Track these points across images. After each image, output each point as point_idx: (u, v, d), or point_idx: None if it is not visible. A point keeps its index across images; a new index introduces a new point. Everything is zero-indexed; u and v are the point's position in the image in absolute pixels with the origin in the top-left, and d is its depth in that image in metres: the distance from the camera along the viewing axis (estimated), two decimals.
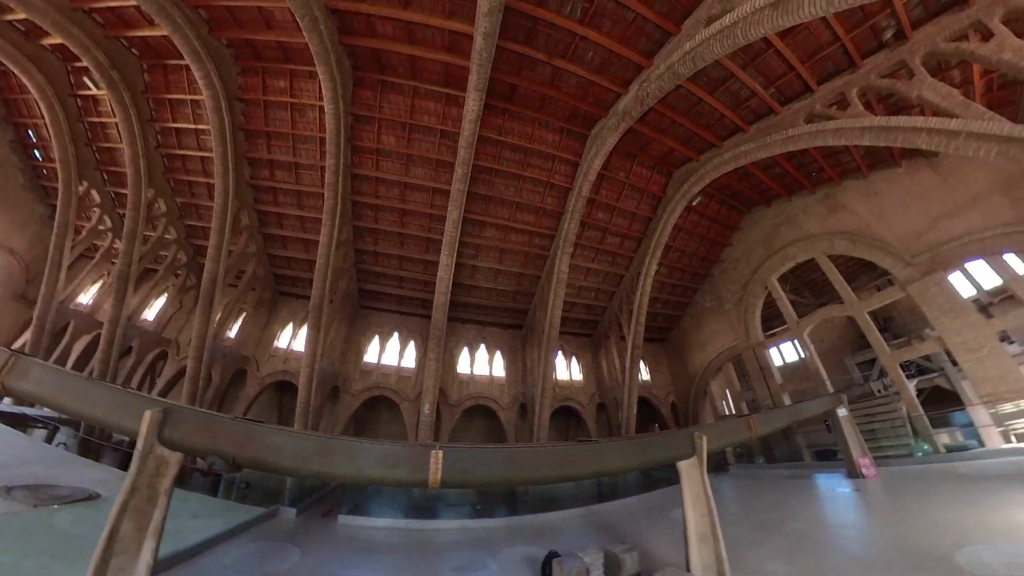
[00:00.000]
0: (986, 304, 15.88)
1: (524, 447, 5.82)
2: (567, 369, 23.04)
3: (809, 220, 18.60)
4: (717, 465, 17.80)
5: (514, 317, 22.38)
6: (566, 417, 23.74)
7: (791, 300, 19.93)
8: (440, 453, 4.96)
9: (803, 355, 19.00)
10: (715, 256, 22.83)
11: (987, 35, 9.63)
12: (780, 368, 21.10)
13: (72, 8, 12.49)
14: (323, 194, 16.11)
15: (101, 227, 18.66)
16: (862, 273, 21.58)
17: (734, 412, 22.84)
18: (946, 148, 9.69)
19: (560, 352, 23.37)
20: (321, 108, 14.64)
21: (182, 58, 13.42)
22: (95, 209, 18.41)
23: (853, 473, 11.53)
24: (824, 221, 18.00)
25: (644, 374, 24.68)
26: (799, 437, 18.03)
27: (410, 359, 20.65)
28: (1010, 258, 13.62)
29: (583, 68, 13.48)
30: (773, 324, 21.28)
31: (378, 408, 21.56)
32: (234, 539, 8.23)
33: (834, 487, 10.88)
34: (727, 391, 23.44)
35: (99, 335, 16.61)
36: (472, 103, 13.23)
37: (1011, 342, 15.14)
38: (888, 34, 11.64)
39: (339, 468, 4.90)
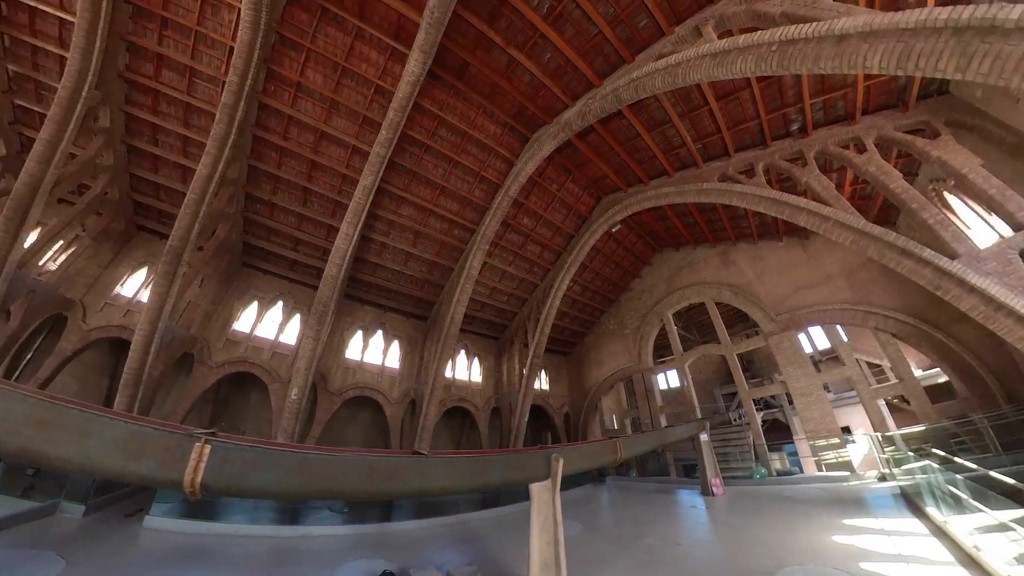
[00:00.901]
0: (817, 360, 19.35)
1: (325, 453, 4.35)
2: (467, 369, 22.45)
3: (706, 269, 20.83)
4: (596, 475, 19.11)
5: (420, 307, 21.08)
6: (462, 418, 23.16)
7: (680, 335, 22.13)
8: (206, 448, 3.61)
9: (682, 383, 21.07)
10: (625, 284, 24.41)
11: (862, 150, 11.64)
12: (663, 392, 23.40)
13: None
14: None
15: None
16: (737, 322, 24.89)
17: (617, 428, 24.56)
18: (818, 228, 11.33)
19: (464, 351, 22.75)
20: (240, 11, 11.91)
21: None
22: None
23: (706, 491, 13.13)
24: (717, 272, 20.31)
25: (544, 383, 25.26)
26: (667, 454, 19.96)
27: (292, 335, 18.10)
28: (840, 329, 16.83)
29: (538, 67, 13.11)
30: (663, 354, 23.42)
31: (247, 388, 18.46)
32: None
33: (689, 503, 12.12)
34: (616, 408, 25.19)
35: None
36: (414, 64, 11.96)
37: (829, 391, 18.82)
38: (795, 127, 13.40)
39: (57, 449, 3.23)
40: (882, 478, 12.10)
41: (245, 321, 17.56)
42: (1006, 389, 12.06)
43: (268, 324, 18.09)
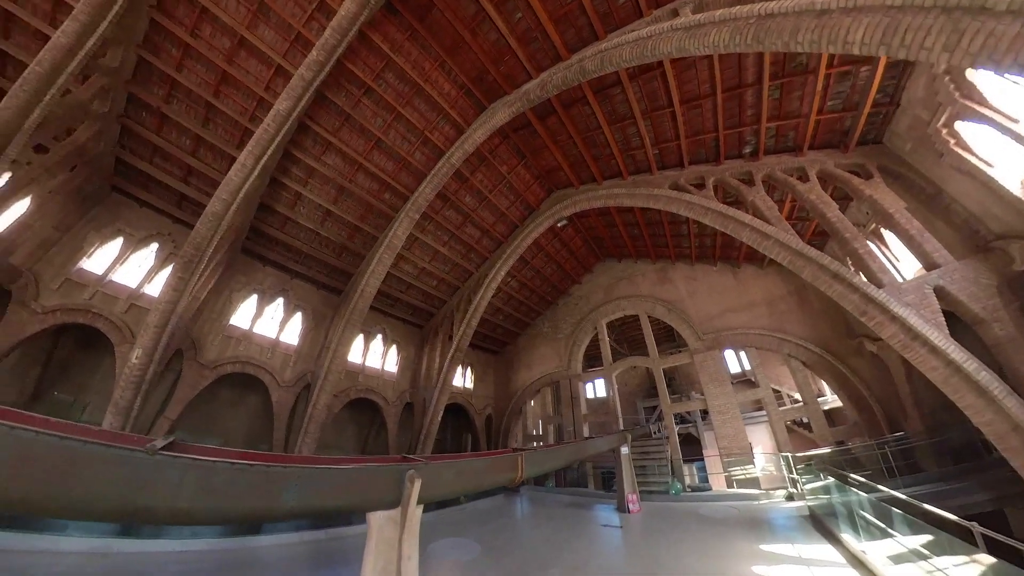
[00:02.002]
0: (733, 382, 20.04)
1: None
2: (382, 357, 19.99)
3: (644, 283, 20.93)
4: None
5: (334, 277, 18.26)
6: (373, 414, 20.44)
7: (611, 347, 21.90)
8: None
9: (609, 393, 20.71)
10: (564, 288, 23.83)
11: (805, 180, 11.99)
12: (588, 400, 22.94)
13: None
14: None
15: None
16: (664, 341, 25.53)
17: (540, 434, 23.57)
18: (758, 245, 11.32)
19: (381, 336, 20.30)
20: None
21: None
22: None
23: (622, 507, 12.32)
24: (654, 287, 20.46)
25: (468, 382, 23.56)
26: (587, 463, 19.26)
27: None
28: (745, 355, 17.51)
29: (507, 26, 11.78)
30: (593, 364, 23.05)
31: (99, 350, 14.10)
32: None
33: (604, 520, 11.11)
34: (541, 413, 24.26)
35: None
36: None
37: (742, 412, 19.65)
38: (748, 149, 13.60)
39: None
40: (790, 497, 12.25)
41: (100, 261, 13.62)
42: (888, 417, 13.11)
43: (132, 269, 14.26)
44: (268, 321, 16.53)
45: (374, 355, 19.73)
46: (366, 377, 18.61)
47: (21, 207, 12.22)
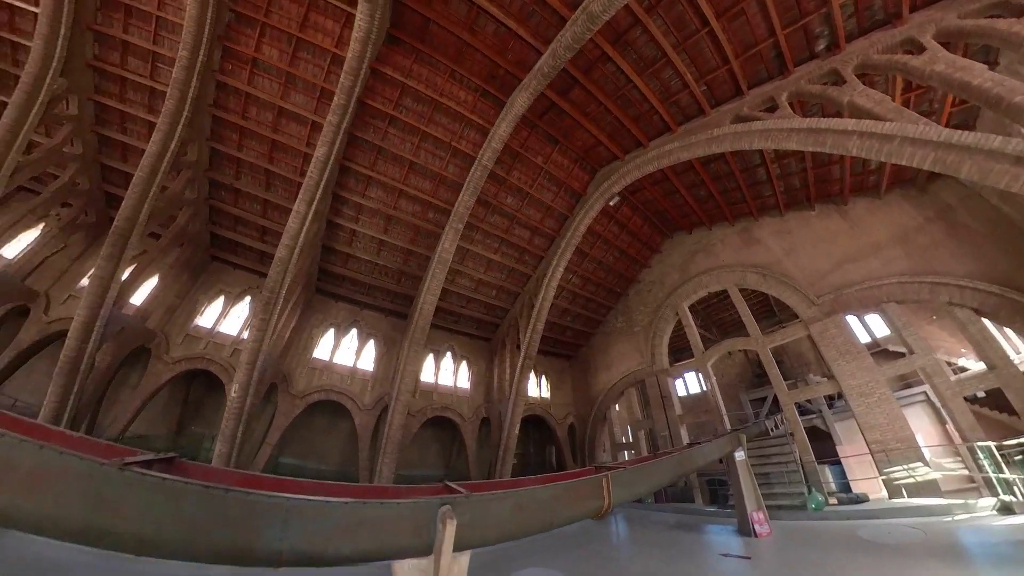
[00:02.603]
0: (874, 352, 15.64)
1: None
2: (454, 374, 20.03)
3: (725, 251, 17.89)
4: None
5: (397, 302, 19.04)
6: (453, 431, 20.56)
7: (700, 334, 18.94)
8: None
9: (704, 387, 17.81)
10: (633, 275, 21.61)
11: (919, 51, 8.94)
12: (682, 399, 20.00)
13: None
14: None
15: None
16: (763, 316, 21.48)
17: (630, 440, 21.16)
18: (878, 154, 8.44)
19: (451, 354, 20.42)
20: None
21: None
22: None
23: (746, 530, 9.43)
24: (739, 253, 17.33)
25: (544, 391, 22.42)
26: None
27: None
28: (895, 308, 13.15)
29: (501, 10, 11.33)
30: (680, 356, 20.22)
31: (219, 390, 16.75)
32: None
33: (723, 548, 8.46)
34: (628, 417, 21.90)
35: None
36: (361, 16, 10.54)
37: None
38: (821, 44, 10.86)
39: None
40: (1006, 509, 8.45)
41: (209, 317, 16.14)
42: None
43: (233, 320, 16.58)
44: (345, 351, 17.78)
45: (446, 373, 19.87)
46: (440, 395, 18.74)
47: (150, 284, 15.17)
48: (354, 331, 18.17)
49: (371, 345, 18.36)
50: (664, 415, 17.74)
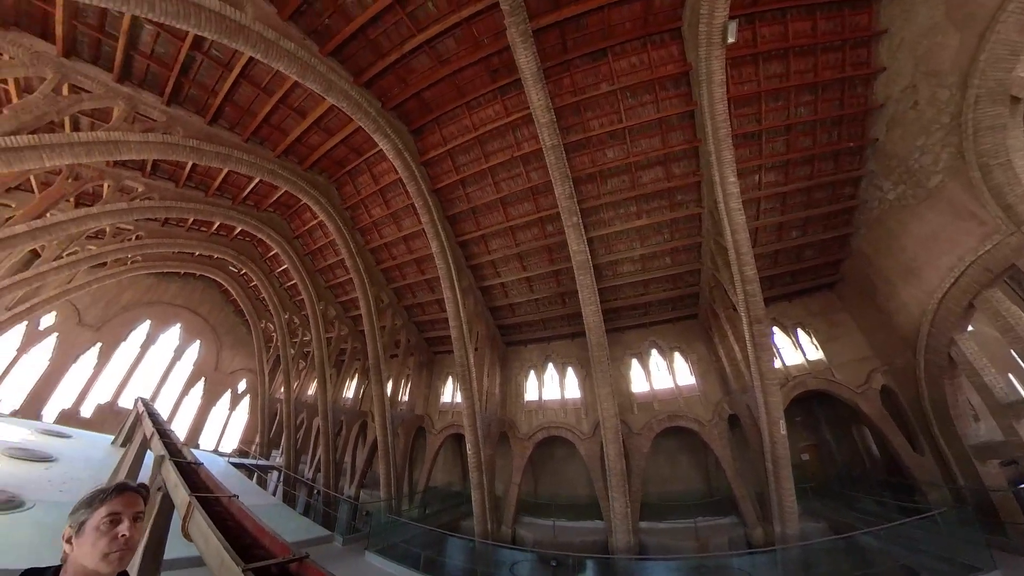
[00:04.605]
0: None
1: None
2: (670, 373, 16.21)
3: None
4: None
5: (574, 323, 17.49)
6: (690, 438, 16.20)
7: None
8: None
9: None
10: (859, 104, 11.82)
11: None
12: None
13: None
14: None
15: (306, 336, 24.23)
16: None
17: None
18: None
19: (656, 350, 16.98)
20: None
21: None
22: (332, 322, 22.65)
23: None
24: None
25: (812, 351, 14.71)
26: None
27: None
28: None
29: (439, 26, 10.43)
30: None
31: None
32: None
33: None
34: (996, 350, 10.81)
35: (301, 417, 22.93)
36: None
37: None
38: None
39: None
40: None
41: (447, 395, 21.11)
42: None
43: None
44: (550, 386, 18.23)
45: (661, 375, 16.61)
46: (662, 403, 15.59)
47: (407, 387, 21.09)
48: (549, 366, 18.55)
49: (570, 373, 18.08)
50: None
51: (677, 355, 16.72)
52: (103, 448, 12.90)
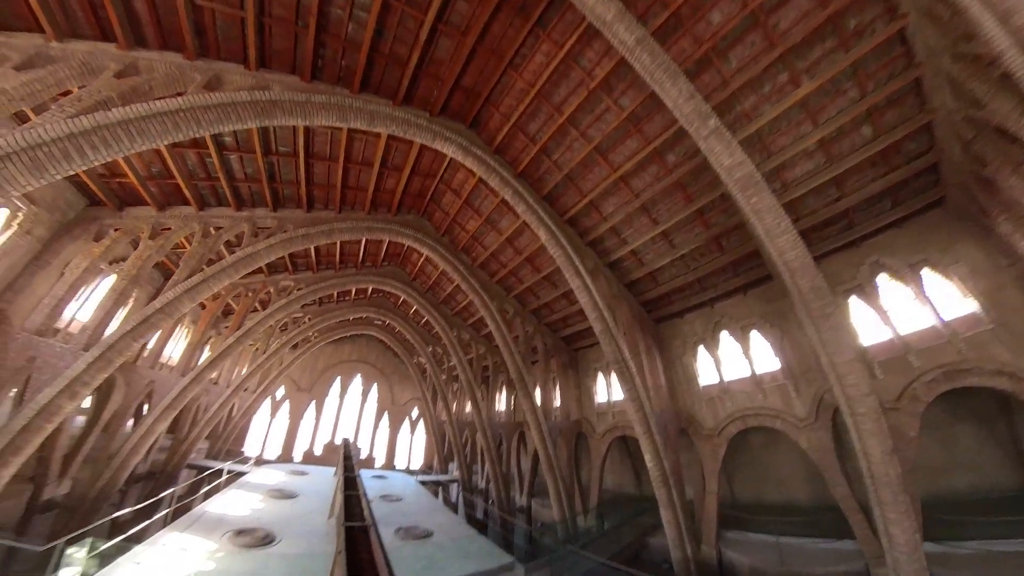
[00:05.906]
0: None
1: None
2: (924, 304, 10.56)
3: None
4: None
5: (741, 271, 13.60)
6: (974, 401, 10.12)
7: None
8: None
9: None
10: None
11: None
12: None
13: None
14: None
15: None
16: None
17: None
18: None
19: (885, 272, 11.40)
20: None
21: None
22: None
23: None
24: None
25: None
26: None
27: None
28: None
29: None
30: None
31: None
32: None
33: None
34: None
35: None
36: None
37: None
38: None
39: None
40: None
41: (602, 393, 19.50)
42: None
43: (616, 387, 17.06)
44: (730, 362, 14.26)
45: (905, 307, 11.10)
46: (921, 353, 10.08)
47: (556, 390, 19.82)
48: (723, 334, 14.59)
49: (755, 336, 13.82)
50: None
51: (926, 272, 10.98)
52: (329, 482, 16.05)
